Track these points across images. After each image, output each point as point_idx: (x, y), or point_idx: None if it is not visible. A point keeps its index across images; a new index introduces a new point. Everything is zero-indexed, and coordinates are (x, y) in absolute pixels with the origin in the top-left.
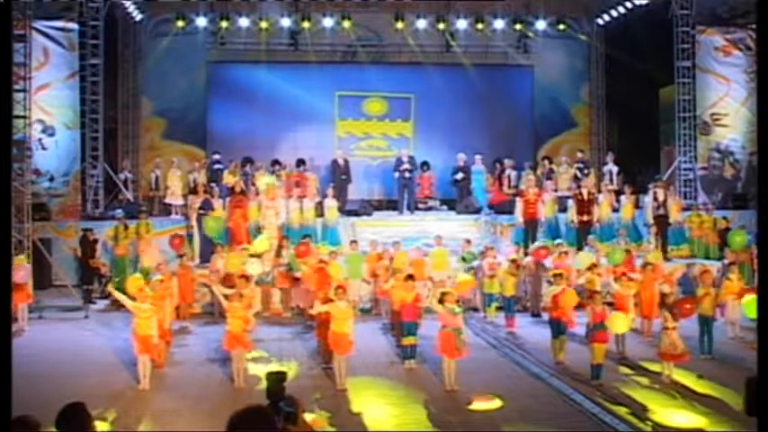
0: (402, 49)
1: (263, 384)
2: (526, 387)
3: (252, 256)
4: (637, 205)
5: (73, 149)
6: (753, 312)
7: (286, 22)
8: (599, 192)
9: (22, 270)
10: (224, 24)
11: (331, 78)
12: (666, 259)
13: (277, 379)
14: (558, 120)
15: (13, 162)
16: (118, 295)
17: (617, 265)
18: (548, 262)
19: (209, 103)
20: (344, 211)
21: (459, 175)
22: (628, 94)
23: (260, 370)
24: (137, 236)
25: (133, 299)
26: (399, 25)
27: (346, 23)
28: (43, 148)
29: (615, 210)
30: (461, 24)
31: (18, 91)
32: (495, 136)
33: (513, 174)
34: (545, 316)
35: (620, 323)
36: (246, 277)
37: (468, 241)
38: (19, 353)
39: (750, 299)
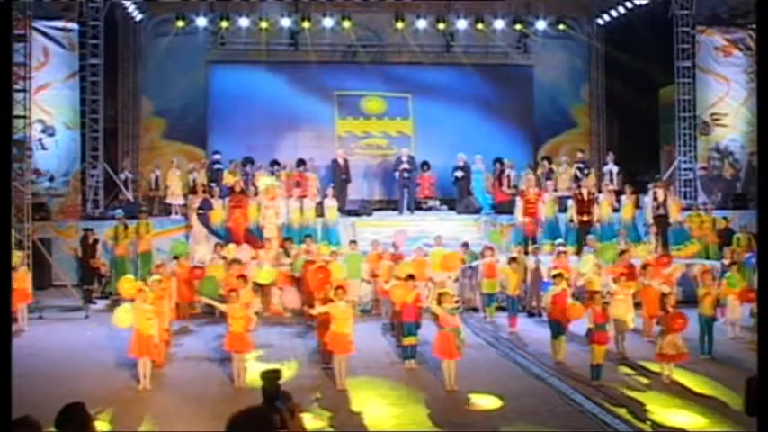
0: (402, 49)
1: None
2: (526, 387)
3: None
4: (637, 205)
5: (73, 149)
6: None
7: (286, 22)
8: (599, 192)
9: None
10: (224, 24)
11: (331, 78)
12: None
13: (272, 378)
14: (558, 120)
15: (13, 162)
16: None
17: (609, 263)
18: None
19: (209, 103)
20: (344, 211)
21: (459, 174)
22: (628, 94)
23: (259, 370)
24: (137, 236)
25: (132, 299)
26: (399, 25)
27: (346, 23)
28: (43, 148)
29: (615, 210)
30: (461, 24)
31: (18, 91)
32: (495, 136)
33: (513, 174)
34: (545, 316)
35: (621, 309)
36: (243, 276)
37: (466, 245)
38: (19, 353)
39: None
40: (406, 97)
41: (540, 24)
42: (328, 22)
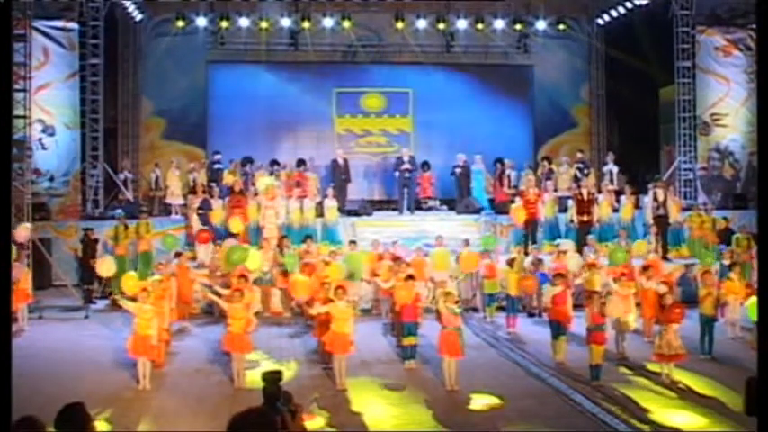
0: (402, 48)
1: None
2: (526, 387)
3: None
4: (637, 205)
5: (73, 149)
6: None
7: (286, 22)
8: (599, 192)
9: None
10: (224, 24)
11: (330, 77)
12: (666, 259)
13: (273, 379)
14: (558, 120)
15: (13, 162)
16: (123, 303)
17: (617, 265)
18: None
19: (209, 103)
20: (344, 211)
21: (458, 170)
22: (628, 94)
23: (259, 370)
24: (137, 236)
25: (132, 299)
26: (399, 25)
27: (346, 23)
28: (43, 148)
29: (615, 210)
30: (461, 24)
31: (18, 91)
32: (495, 136)
33: (513, 174)
34: (544, 316)
35: (619, 307)
36: (245, 276)
37: (467, 242)
38: (19, 353)
39: (754, 301)
40: (406, 93)
41: (540, 24)
42: (328, 22)
